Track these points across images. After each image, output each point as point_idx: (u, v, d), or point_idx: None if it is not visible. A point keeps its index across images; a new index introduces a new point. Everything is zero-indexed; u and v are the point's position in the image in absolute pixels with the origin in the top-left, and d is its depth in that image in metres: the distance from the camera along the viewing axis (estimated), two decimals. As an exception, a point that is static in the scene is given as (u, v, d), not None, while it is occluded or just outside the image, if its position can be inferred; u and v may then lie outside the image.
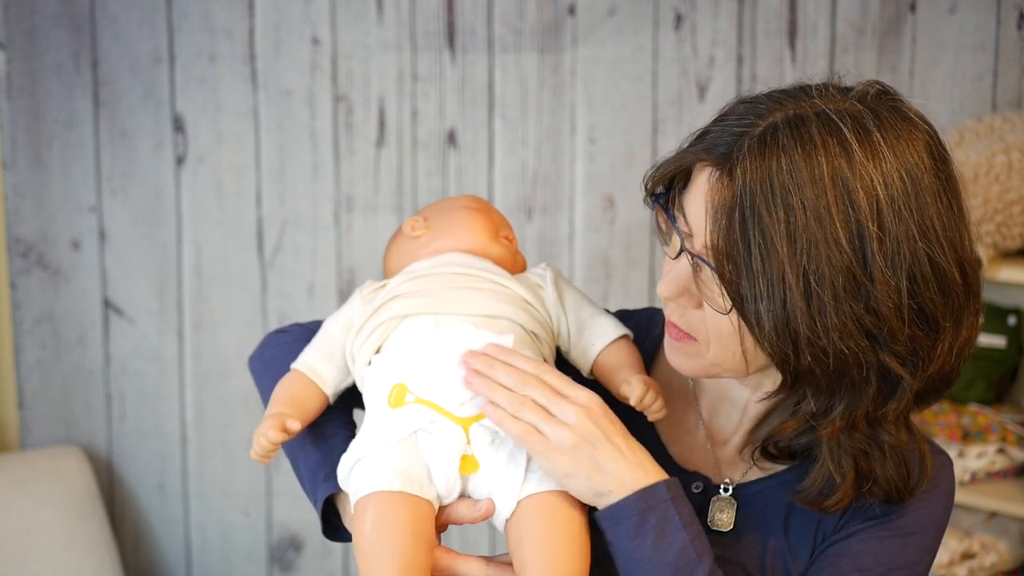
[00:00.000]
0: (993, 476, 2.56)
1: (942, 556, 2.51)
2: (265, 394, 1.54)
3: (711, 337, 1.28)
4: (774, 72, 2.69)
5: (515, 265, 1.48)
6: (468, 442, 1.32)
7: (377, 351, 1.40)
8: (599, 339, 1.43)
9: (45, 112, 2.75)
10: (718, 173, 1.22)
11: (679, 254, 1.27)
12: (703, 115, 2.67)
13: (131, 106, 2.76)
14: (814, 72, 2.66)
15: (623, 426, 1.32)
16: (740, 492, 1.40)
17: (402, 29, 2.72)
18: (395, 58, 2.73)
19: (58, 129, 2.77)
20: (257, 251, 2.82)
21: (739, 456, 1.41)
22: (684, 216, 1.27)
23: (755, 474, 1.40)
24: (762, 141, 1.20)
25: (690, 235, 1.26)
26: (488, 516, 1.33)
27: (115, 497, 2.92)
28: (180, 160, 2.79)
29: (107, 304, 2.84)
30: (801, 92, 1.25)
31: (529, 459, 1.32)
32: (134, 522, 2.93)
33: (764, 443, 1.36)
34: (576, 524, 1.31)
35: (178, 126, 2.78)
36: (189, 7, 2.72)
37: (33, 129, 2.76)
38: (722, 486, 1.40)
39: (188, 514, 2.92)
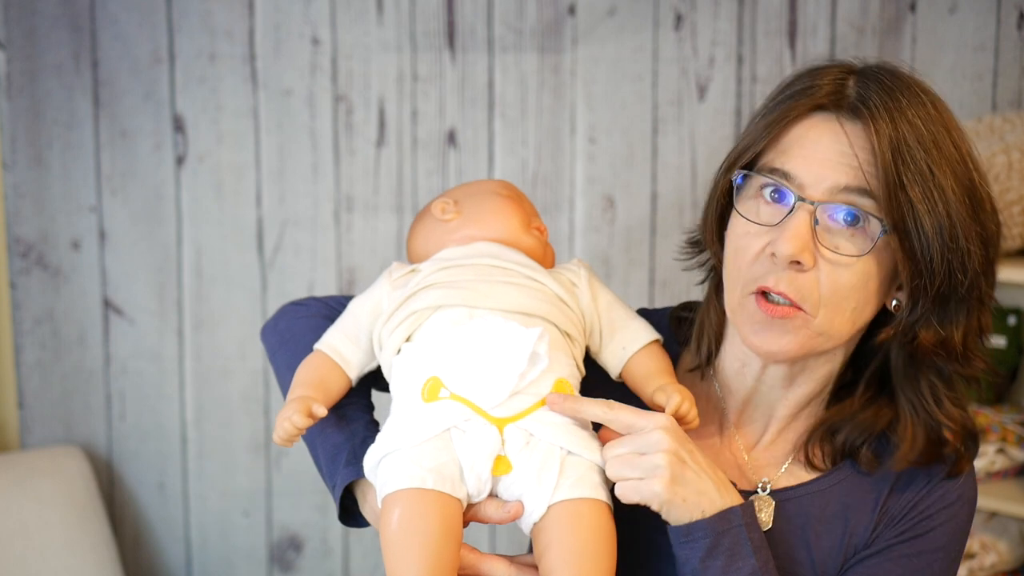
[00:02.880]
0: (993, 476, 2.56)
1: (942, 556, 2.51)
2: (278, 367, 1.52)
3: (824, 299, 1.29)
4: (774, 72, 2.69)
5: (545, 257, 1.46)
6: (502, 443, 1.30)
7: (407, 340, 1.38)
8: (632, 342, 1.41)
9: (45, 112, 2.75)
10: (853, 120, 1.27)
11: (793, 208, 1.28)
12: (703, 115, 2.67)
13: (131, 106, 2.76)
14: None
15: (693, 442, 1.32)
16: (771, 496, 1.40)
17: (402, 29, 2.72)
18: (395, 58, 2.73)
19: (58, 129, 2.77)
20: (257, 251, 2.82)
21: (769, 456, 1.41)
22: (787, 173, 1.29)
23: (784, 482, 1.40)
24: (878, 83, 1.28)
25: (802, 187, 1.28)
26: (516, 518, 1.32)
27: (115, 497, 2.91)
28: (180, 160, 2.79)
29: (107, 304, 2.84)
30: (837, 62, 1.34)
31: (563, 464, 1.30)
32: (134, 522, 2.93)
33: (830, 428, 1.39)
34: (605, 533, 1.29)
35: (178, 126, 2.78)
36: (189, 7, 2.72)
37: (33, 129, 2.76)
38: (760, 485, 1.40)
39: (188, 514, 2.92)
